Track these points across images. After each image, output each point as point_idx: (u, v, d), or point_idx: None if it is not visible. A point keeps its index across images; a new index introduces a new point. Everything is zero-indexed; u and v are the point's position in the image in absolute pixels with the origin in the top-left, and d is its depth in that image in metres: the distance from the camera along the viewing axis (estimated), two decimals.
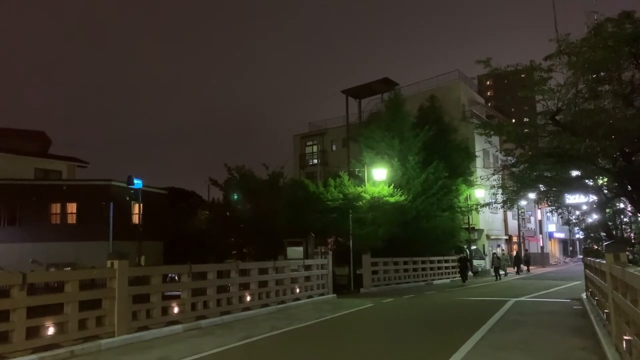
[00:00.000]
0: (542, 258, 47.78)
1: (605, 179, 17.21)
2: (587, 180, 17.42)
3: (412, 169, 25.71)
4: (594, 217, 20.89)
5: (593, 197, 18.49)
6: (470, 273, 29.85)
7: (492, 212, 37.75)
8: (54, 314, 8.64)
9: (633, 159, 14.71)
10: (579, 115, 14.00)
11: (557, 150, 14.64)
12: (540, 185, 18.36)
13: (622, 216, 20.56)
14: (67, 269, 21.22)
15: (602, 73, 13.79)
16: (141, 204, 24.81)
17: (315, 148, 45.82)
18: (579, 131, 13.48)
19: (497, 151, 29.44)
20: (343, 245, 23.65)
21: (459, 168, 30.45)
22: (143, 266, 20.14)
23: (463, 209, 30.58)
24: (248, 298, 13.76)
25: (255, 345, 9.24)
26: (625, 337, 6.11)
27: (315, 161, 44.82)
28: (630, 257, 15.56)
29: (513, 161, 18.04)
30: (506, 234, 44.01)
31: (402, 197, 23.62)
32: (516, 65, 14.91)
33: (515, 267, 36.22)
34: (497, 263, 29.65)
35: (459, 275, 27.68)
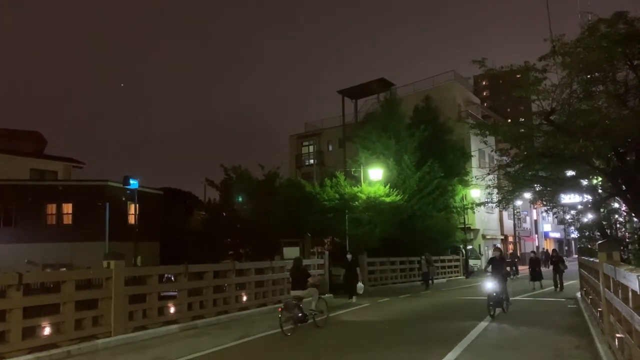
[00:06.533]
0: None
1: (600, 179, 17.29)
2: (581, 180, 17.49)
3: (408, 169, 25.79)
4: (589, 216, 20.98)
5: (588, 197, 18.58)
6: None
7: (488, 212, 37.88)
8: (50, 314, 8.66)
9: (627, 158, 14.79)
10: (573, 116, 14.05)
11: (551, 150, 14.71)
12: (536, 185, 18.42)
13: (616, 215, 20.65)
14: (63, 269, 21.18)
15: (596, 73, 13.84)
16: (137, 205, 24.81)
17: (311, 148, 45.86)
18: (573, 131, 13.53)
19: (492, 151, 29.43)
20: (339, 245, 23.70)
21: (455, 168, 30.56)
22: (139, 266, 20.14)
23: (459, 208, 30.69)
24: (245, 298, 13.80)
25: (252, 345, 9.28)
26: (618, 335, 6.17)
27: (312, 161, 44.85)
28: (625, 256, 15.68)
29: (508, 161, 18.11)
30: (502, 233, 44.14)
31: (398, 197, 23.70)
32: (511, 65, 14.97)
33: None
34: (426, 267, 23.38)
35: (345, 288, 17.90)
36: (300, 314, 10.34)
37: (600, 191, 17.63)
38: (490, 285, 12.40)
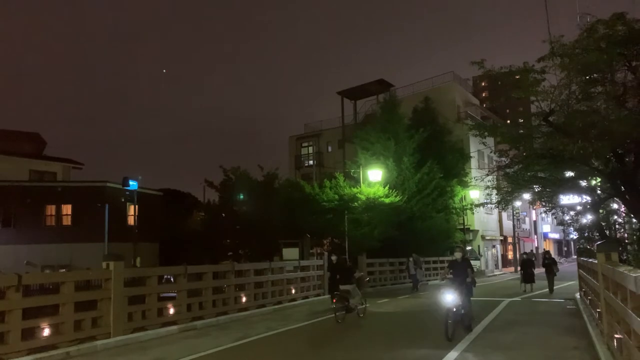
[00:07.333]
0: (537, 258, 47.89)
1: (599, 180, 17.32)
2: (580, 181, 17.52)
3: (407, 170, 25.81)
4: (588, 217, 21.03)
5: (587, 198, 18.62)
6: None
7: (487, 213, 37.88)
8: (49, 315, 8.66)
9: (626, 159, 14.81)
10: (572, 117, 14.05)
11: (550, 151, 14.73)
12: (535, 186, 18.46)
13: (615, 216, 20.70)
14: (62, 270, 21.18)
15: (594, 74, 13.86)
16: (137, 206, 24.82)
17: (310, 149, 45.85)
18: (572, 132, 13.55)
19: (491, 152, 29.43)
20: (339, 246, 23.70)
21: (454, 169, 30.60)
22: (139, 267, 20.13)
23: (458, 209, 30.71)
24: (244, 299, 13.79)
25: (251, 346, 9.28)
26: (616, 336, 6.18)
27: (311, 162, 44.83)
28: (624, 257, 15.70)
29: (507, 162, 18.14)
30: (501, 234, 44.15)
31: (398, 198, 23.71)
32: (510, 66, 14.98)
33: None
34: (414, 269, 22.17)
35: None
36: (348, 305, 12.01)
37: (599, 192, 17.66)
38: (449, 297, 9.24)
